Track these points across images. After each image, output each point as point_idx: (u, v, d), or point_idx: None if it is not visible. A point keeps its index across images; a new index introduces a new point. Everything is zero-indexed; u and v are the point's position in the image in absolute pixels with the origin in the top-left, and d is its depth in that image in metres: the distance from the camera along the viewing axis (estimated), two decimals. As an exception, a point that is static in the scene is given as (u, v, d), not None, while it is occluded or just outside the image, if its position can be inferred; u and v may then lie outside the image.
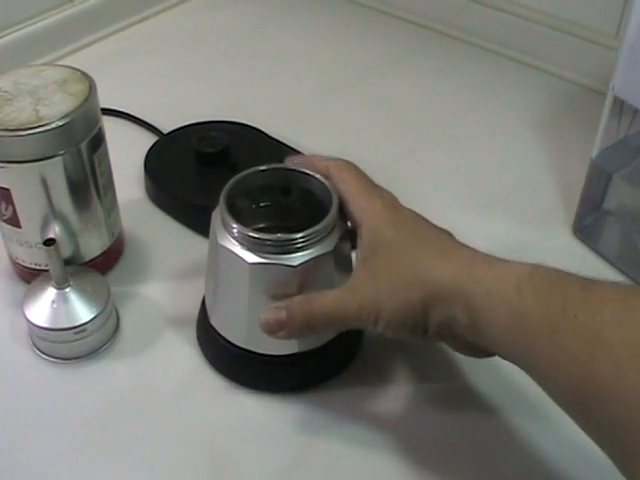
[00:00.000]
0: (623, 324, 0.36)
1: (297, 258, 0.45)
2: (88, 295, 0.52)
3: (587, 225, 0.62)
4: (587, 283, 0.39)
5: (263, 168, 0.50)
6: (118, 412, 0.50)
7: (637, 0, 0.51)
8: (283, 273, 0.45)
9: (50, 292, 0.51)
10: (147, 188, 0.66)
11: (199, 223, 0.59)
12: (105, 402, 0.50)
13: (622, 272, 0.59)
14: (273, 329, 0.45)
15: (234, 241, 0.46)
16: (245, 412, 0.50)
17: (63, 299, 0.51)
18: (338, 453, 0.48)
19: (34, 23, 0.82)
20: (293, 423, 0.49)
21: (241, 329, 0.49)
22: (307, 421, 0.49)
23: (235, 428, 0.49)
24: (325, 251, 0.46)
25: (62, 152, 0.51)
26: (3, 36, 0.80)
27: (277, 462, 0.47)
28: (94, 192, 0.54)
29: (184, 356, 0.53)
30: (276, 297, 0.46)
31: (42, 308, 0.51)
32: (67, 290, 0.51)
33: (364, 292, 0.44)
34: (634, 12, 0.51)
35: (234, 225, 0.46)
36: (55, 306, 0.51)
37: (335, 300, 0.44)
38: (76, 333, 0.51)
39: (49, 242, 0.49)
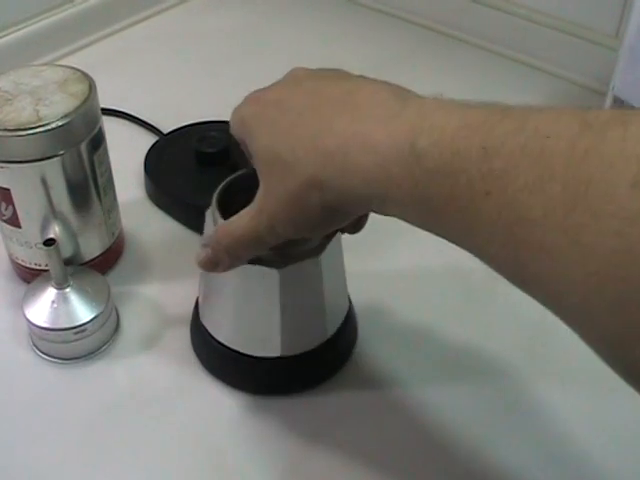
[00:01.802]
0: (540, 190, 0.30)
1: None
2: (88, 295, 0.52)
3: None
4: (491, 140, 0.31)
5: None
6: (118, 412, 0.50)
7: (637, 0, 0.51)
8: (275, 274, 0.45)
9: (50, 292, 0.51)
10: (147, 188, 0.66)
11: (199, 223, 0.59)
12: (105, 402, 0.50)
13: (622, 272, 0.59)
14: (209, 267, 0.44)
15: None
16: (243, 413, 0.50)
17: (63, 299, 0.51)
18: (335, 454, 0.48)
19: (34, 23, 0.82)
20: (290, 425, 0.49)
21: (232, 331, 0.49)
22: (303, 423, 0.49)
23: (233, 429, 0.49)
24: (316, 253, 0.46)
25: (62, 152, 0.51)
26: (3, 36, 0.80)
27: (274, 463, 0.47)
28: (94, 192, 0.54)
29: (184, 356, 0.53)
30: (275, 298, 0.47)
31: (42, 308, 0.51)
32: (67, 290, 0.51)
33: (268, 210, 0.40)
34: (634, 12, 0.51)
35: None
36: (55, 306, 0.51)
37: (248, 224, 0.42)
38: (76, 333, 0.51)
39: (49, 242, 0.49)
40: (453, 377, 0.52)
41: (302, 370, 0.51)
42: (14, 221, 0.53)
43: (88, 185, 0.54)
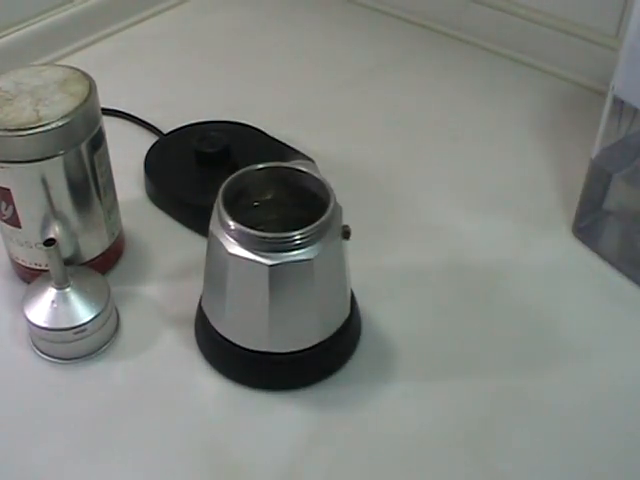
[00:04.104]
0: None
1: (295, 256, 0.45)
2: (88, 295, 0.52)
3: (587, 225, 0.62)
4: None
5: (260, 167, 0.50)
6: (118, 412, 0.50)
7: (637, 0, 0.51)
8: (265, 269, 0.45)
9: (50, 292, 0.51)
10: (147, 188, 0.66)
11: (199, 223, 0.59)
12: (105, 402, 0.50)
13: (622, 272, 0.59)
14: None
15: (231, 239, 0.46)
16: (244, 411, 0.50)
17: (63, 299, 0.51)
18: (337, 451, 0.48)
19: (34, 23, 0.82)
20: (292, 421, 0.49)
21: (238, 327, 0.49)
22: (306, 419, 0.49)
23: (234, 427, 0.49)
24: (321, 250, 0.46)
25: (62, 152, 0.51)
26: (3, 36, 0.80)
27: (276, 461, 0.47)
28: (94, 192, 0.54)
29: (184, 356, 0.53)
30: (275, 295, 0.47)
31: (42, 308, 0.51)
32: (67, 290, 0.51)
33: None
34: (634, 12, 0.51)
35: (231, 223, 0.46)
36: (55, 306, 0.51)
37: None
38: (76, 333, 0.51)
39: (49, 242, 0.49)
40: (454, 376, 0.52)
41: (313, 364, 0.51)
42: (14, 221, 0.53)
43: (88, 185, 0.54)
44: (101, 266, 0.57)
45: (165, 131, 0.71)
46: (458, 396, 0.51)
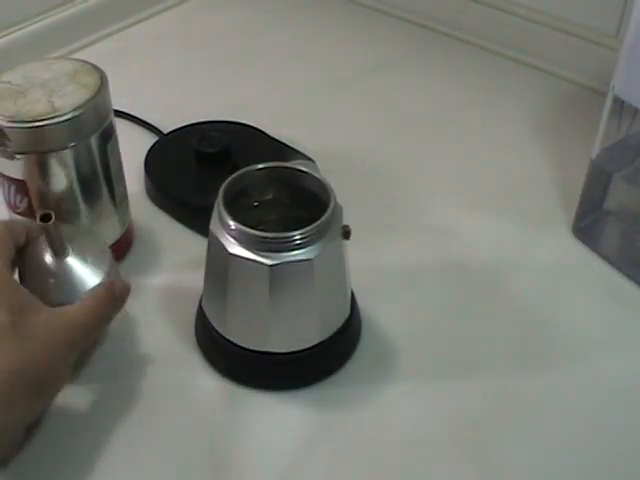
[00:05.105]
0: None
1: (295, 256, 0.46)
2: (88, 266, 0.50)
3: (587, 225, 0.62)
4: None
5: (260, 167, 0.50)
6: (117, 412, 0.50)
7: (637, 0, 0.51)
8: (266, 270, 0.45)
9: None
10: (147, 188, 0.66)
11: (199, 223, 0.59)
12: (104, 402, 0.50)
13: (622, 272, 0.59)
14: None
15: (231, 239, 0.46)
16: (244, 411, 0.50)
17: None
18: (337, 451, 0.48)
19: (34, 23, 0.82)
20: (292, 421, 0.49)
21: (238, 327, 0.49)
22: (306, 419, 0.49)
23: (234, 427, 0.49)
24: (321, 250, 0.46)
25: (76, 143, 0.51)
26: (3, 36, 0.80)
27: (276, 461, 0.47)
28: (108, 182, 0.55)
29: (184, 356, 0.53)
30: (276, 295, 0.47)
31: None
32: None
33: None
34: (634, 12, 0.51)
35: (231, 223, 0.46)
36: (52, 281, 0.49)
37: None
38: None
39: (45, 217, 0.46)
40: (454, 376, 0.52)
41: (313, 364, 0.51)
42: (29, 214, 0.53)
43: (102, 175, 0.54)
44: (114, 255, 0.57)
45: (165, 131, 0.71)
46: (458, 396, 0.51)
